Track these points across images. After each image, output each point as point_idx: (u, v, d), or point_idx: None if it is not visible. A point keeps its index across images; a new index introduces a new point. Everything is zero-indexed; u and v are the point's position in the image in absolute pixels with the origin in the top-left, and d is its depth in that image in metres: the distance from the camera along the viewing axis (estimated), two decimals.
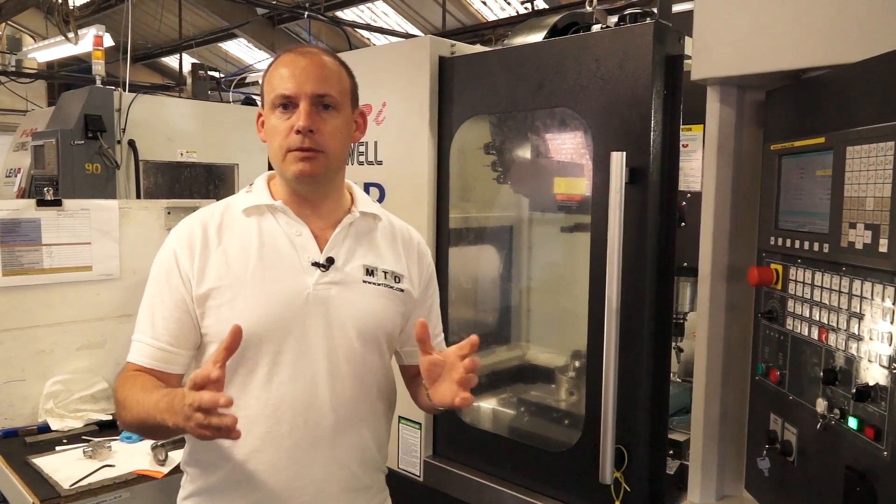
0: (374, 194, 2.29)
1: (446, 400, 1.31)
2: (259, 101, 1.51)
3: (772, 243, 1.45)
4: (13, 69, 9.55)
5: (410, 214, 2.12)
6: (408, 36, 9.58)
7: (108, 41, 5.12)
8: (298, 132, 1.33)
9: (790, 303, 1.39)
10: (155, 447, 2.17)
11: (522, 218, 2.59)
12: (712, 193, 1.59)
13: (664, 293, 1.77)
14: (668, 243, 1.76)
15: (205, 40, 11.58)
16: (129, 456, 2.22)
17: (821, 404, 1.25)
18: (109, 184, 4.05)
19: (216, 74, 6.20)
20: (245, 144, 4.51)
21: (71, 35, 5.45)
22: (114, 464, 2.16)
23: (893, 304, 1.10)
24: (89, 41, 4.87)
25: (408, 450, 2.26)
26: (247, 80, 7.65)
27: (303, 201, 1.44)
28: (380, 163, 2.28)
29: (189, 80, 5.36)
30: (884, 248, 1.11)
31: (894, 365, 1.09)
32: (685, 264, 1.83)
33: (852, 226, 1.19)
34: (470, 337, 1.28)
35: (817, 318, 1.29)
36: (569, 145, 2.28)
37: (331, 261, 1.41)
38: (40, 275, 2.50)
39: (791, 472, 1.37)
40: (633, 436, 1.75)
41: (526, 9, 8.97)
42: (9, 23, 8.57)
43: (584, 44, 1.82)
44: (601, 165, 1.74)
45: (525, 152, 2.45)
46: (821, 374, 1.25)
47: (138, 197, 4.13)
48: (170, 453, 2.15)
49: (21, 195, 4.66)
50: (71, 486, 2.00)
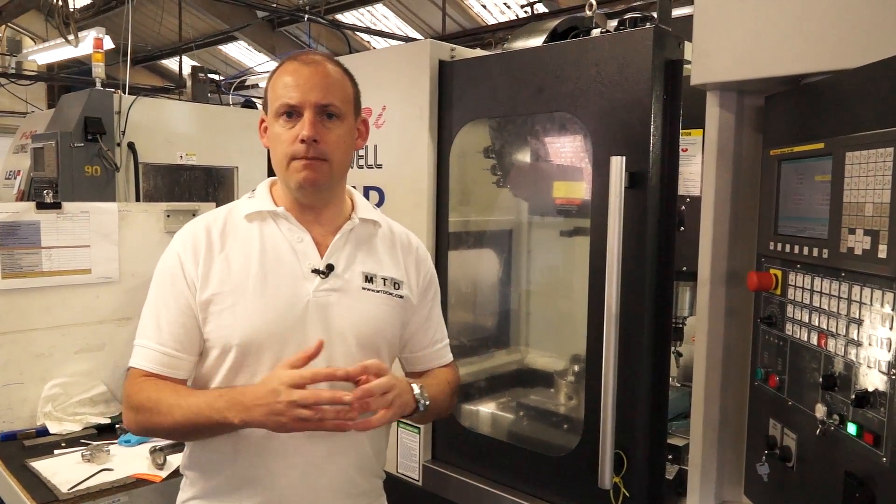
0: (374, 198, 2.29)
1: None
2: (260, 106, 1.51)
3: (771, 248, 1.45)
4: (13, 71, 9.54)
5: (410, 218, 2.13)
6: (408, 39, 9.59)
7: (108, 43, 5.12)
8: (303, 141, 1.34)
9: (789, 308, 1.38)
10: (154, 451, 2.17)
11: (522, 222, 2.59)
12: (712, 198, 1.59)
13: (663, 297, 1.77)
14: (668, 248, 1.76)
15: (205, 43, 11.61)
16: (128, 460, 2.22)
17: (820, 410, 1.25)
18: (109, 186, 4.05)
19: (216, 77, 6.21)
20: (245, 147, 4.51)
21: (71, 37, 5.44)
22: (112, 467, 2.15)
23: (892, 310, 1.10)
24: (89, 43, 4.87)
25: (407, 454, 2.26)
26: (247, 83, 7.66)
27: (305, 208, 1.44)
28: (379, 166, 2.28)
29: (189, 83, 5.36)
30: (883, 254, 1.11)
31: (893, 371, 1.09)
32: (684, 269, 1.83)
33: (851, 231, 1.19)
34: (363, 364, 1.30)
35: (816, 324, 1.29)
36: (568, 149, 2.28)
37: (331, 268, 1.42)
38: (39, 277, 2.50)
39: (790, 477, 1.37)
40: (632, 440, 1.75)
41: (526, 13, 8.98)
42: (9, 25, 8.58)
43: (583, 48, 1.83)
44: (601, 170, 1.75)
45: (525, 156, 2.45)
46: (820, 379, 1.25)
47: (138, 200, 4.12)
48: (168, 457, 2.15)
49: (20, 197, 4.66)
50: (69, 489, 2.00)
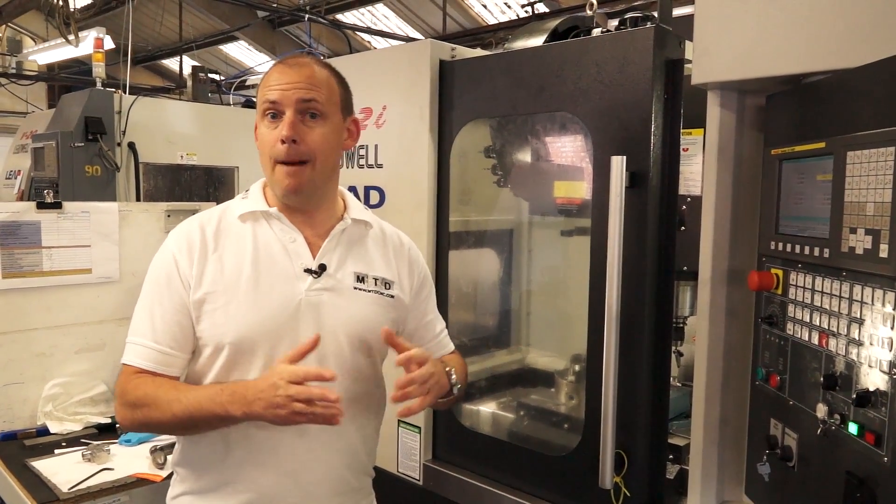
0: (375, 198, 2.29)
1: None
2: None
3: (772, 248, 1.44)
4: (13, 71, 9.54)
5: (410, 218, 2.13)
6: (408, 39, 9.59)
7: (109, 43, 5.12)
8: (283, 142, 1.35)
9: (790, 307, 1.38)
10: (154, 450, 2.17)
11: (522, 221, 2.58)
12: (712, 198, 1.59)
13: (664, 297, 1.77)
14: (668, 247, 1.76)
15: (205, 43, 11.61)
16: (128, 459, 2.22)
17: (821, 409, 1.25)
18: (109, 186, 4.05)
19: (216, 77, 6.20)
20: (245, 147, 4.48)
21: (71, 37, 5.44)
22: (112, 467, 2.16)
23: (894, 310, 1.09)
24: (90, 43, 4.87)
25: (407, 453, 2.25)
26: (247, 83, 7.65)
27: (295, 210, 1.45)
28: (380, 166, 2.28)
29: (189, 83, 5.36)
30: (884, 254, 1.11)
31: (895, 370, 1.09)
32: (685, 268, 1.83)
33: (853, 231, 1.18)
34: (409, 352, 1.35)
35: (817, 323, 1.29)
36: (569, 149, 2.28)
37: (323, 267, 1.42)
38: (40, 277, 2.50)
39: (791, 477, 1.37)
40: (632, 440, 1.75)
41: (526, 12, 8.98)
42: (9, 25, 8.58)
43: (584, 48, 1.82)
44: (601, 169, 1.74)
45: (525, 156, 2.45)
46: (821, 379, 1.25)
47: (138, 199, 4.12)
48: (169, 457, 2.14)
49: (21, 197, 4.65)
50: (70, 489, 2.00)
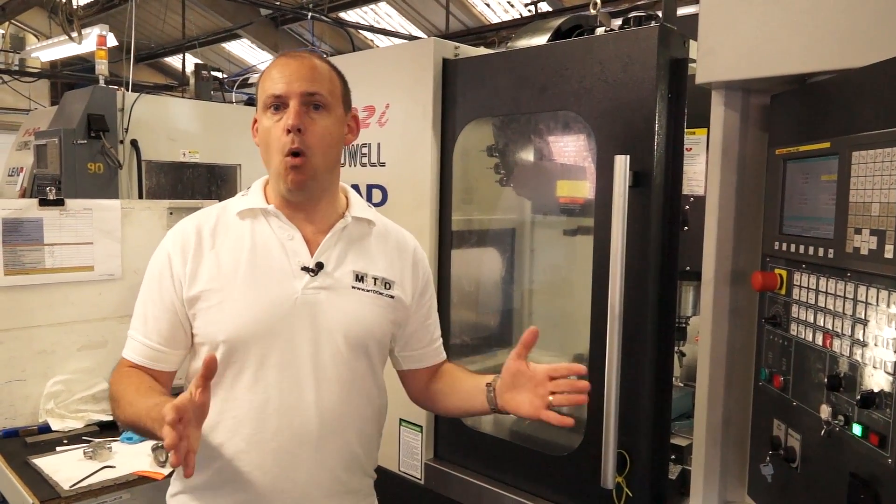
0: (377, 196, 2.28)
1: (521, 409, 1.37)
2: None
3: (776, 248, 1.44)
4: (16, 68, 9.56)
5: (413, 216, 2.12)
6: (411, 38, 9.58)
7: (112, 41, 5.13)
8: (288, 131, 1.34)
9: (794, 308, 1.38)
10: (155, 448, 2.17)
11: (525, 221, 2.58)
12: (716, 197, 1.58)
13: (667, 297, 1.76)
14: (672, 247, 1.75)
15: (208, 41, 11.60)
16: (130, 457, 2.22)
17: (825, 410, 1.24)
18: (112, 184, 4.06)
19: (219, 75, 6.21)
20: (247, 145, 4.43)
21: (74, 34, 5.45)
22: (114, 465, 2.16)
23: None
24: (93, 41, 4.88)
25: (409, 452, 2.25)
26: (249, 81, 7.65)
27: (296, 206, 1.44)
28: (382, 164, 2.28)
29: (192, 81, 5.37)
30: (889, 254, 1.10)
31: None
32: (688, 268, 1.82)
33: (857, 231, 1.18)
34: (573, 365, 1.37)
35: (821, 324, 1.29)
36: (572, 148, 2.28)
37: (320, 265, 1.41)
38: (42, 274, 2.50)
39: (794, 478, 1.36)
40: (635, 440, 1.74)
41: (530, 11, 8.98)
42: (12, 22, 8.58)
43: (587, 47, 1.82)
44: (604, 169, 1.74)
45: (528, 155, 2.44)
46: (825, 380, 1.24)
47: (140, 197, 4.13)
48: (170, 454, 2.15)
49: (23, 194, 4.67)
50: (71, 486, 2.00)
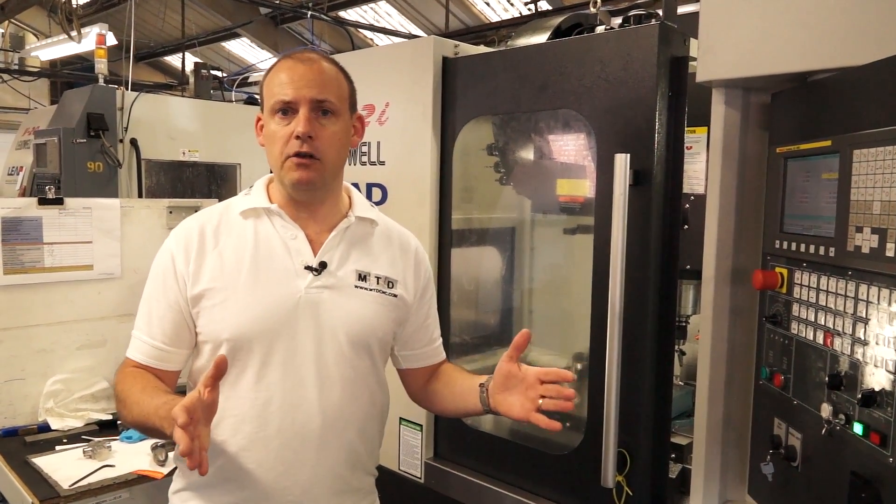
0: (377, 195, 2.28)
1: (512, 411, 1.37)
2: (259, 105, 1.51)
3: (777, 247, 1.44)
4: (16, 67, 9.56)
5: (413, 215, 2.12)
6: (411, 36, 9.57)
7: (111, 40, 5.13)
8: (298, 138, 1.34)
9: (795, 307, 1.37)
10: (155, 447, 2.16)
11: (525, 219, 2.58)
12: (717, 196, 1.58)
13: (667, 296, 1.76)
14: (672, 245, 1.75)
15: (207, 39, 11.58)
16: (130, 456, 2.22)
17: (826, 409, 1.24)
18: (111, 182, 4.06)
19: (219, 74, 6.21)
20: (247, 144, 4.50)
21: (74, 33, 5.44)
22: (114, 464, 2.15)
23: None
24: (92, 40, 4.88)
25: (409, 451, 2.25)
26: (249, 80, 7.65)
27: (300, 205, 1.44)
28: (382, 163, 2.27)
29: (192, 80, 5.36)
30: (891, 253, 1.10)
31: None
32: (688, 267, 1.82)
33: (859, 230, 1.18)
34: (561, 371, 1.36)
35: (822, 323, 1.28)
36: (572, 147, 2.27)
37: (323, 265, 1.41)
38: (41, 273, 2.50)
39: (795, 477, 1.36)
40: (635, 439, 1.74)
41: (529, 10, 8.97)
42: (12, 21, 8.58)
43: (587, 45, 1.82)
44: (605, 167, 1.74)
45: (528, 154, 2.44)
46: (826, 378, 1.24)
47: (140, 196, 4.13)
48: (170, 454, 2.15)
49: (23, 193, 4.67)
50: (70, 486, 1.99)
